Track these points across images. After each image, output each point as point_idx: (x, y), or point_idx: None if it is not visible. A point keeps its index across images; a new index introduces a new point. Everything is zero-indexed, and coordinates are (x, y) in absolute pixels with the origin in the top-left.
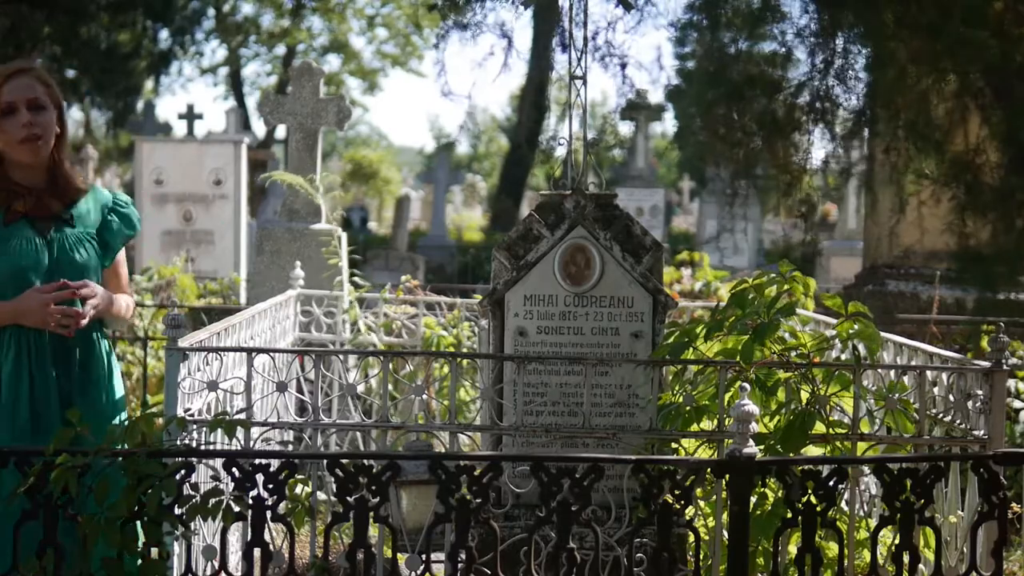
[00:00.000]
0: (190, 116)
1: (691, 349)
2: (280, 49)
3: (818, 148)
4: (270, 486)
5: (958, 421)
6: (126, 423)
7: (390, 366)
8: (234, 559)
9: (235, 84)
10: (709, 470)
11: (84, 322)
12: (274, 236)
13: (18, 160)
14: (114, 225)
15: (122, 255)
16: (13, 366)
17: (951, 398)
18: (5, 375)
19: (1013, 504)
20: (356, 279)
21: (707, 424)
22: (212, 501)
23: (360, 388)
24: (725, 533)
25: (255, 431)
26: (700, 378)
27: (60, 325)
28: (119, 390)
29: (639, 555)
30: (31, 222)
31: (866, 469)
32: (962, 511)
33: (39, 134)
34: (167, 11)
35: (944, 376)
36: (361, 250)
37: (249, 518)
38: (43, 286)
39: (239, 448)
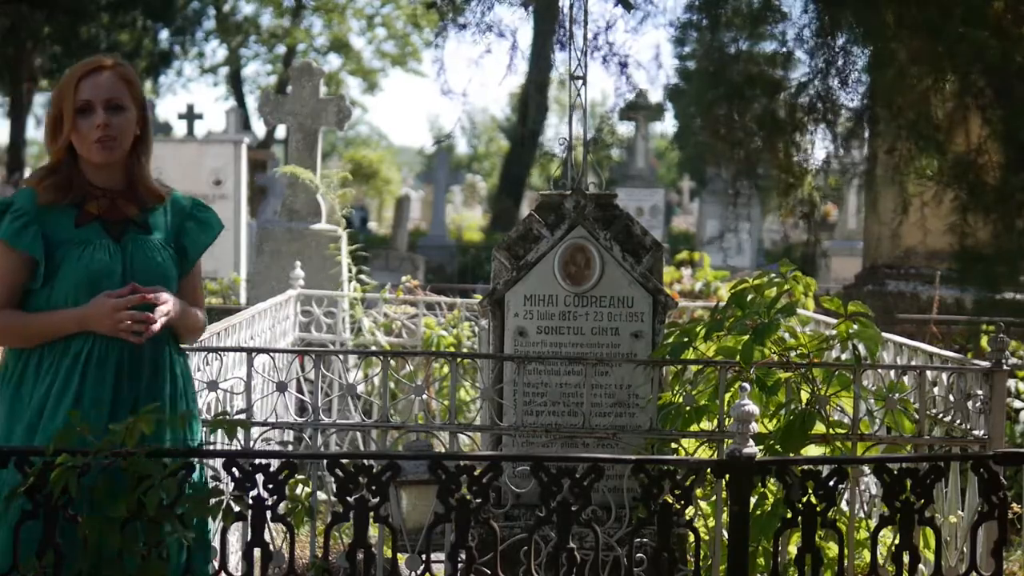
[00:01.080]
0: (190, 116)
1: (691, 349)
2: (280, 49)
3: (819, 148)
4: (270, 486)
5: (958, 421)
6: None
7: (391, 365)
8: (234, 559)
9: (235, 84)
10: (709, 470)
11: (156, 327)
12: (274, 236)
13: (92, 161)
14: (192, 232)
15: (198, 267)
16: (67, 372)
17: (951, 398)
18: (59, 380)
19: (1013, 504)
20: (363, 276)
21: (707, 424)
22: (212, 501)
23: (360, 388)
24: (725, 533)
25: (255, 431)
26: (700, 378)
27: (130, 332)
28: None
29: (639, 555)
30: (104, 225)
31: (866, 469)
32: (962, 511)
33: (113, 135)
34: (167, 11)
35: (944, 376)
36: (361, 249)
37: (249, 518)
38: (113, 291)
39: (239, 448)
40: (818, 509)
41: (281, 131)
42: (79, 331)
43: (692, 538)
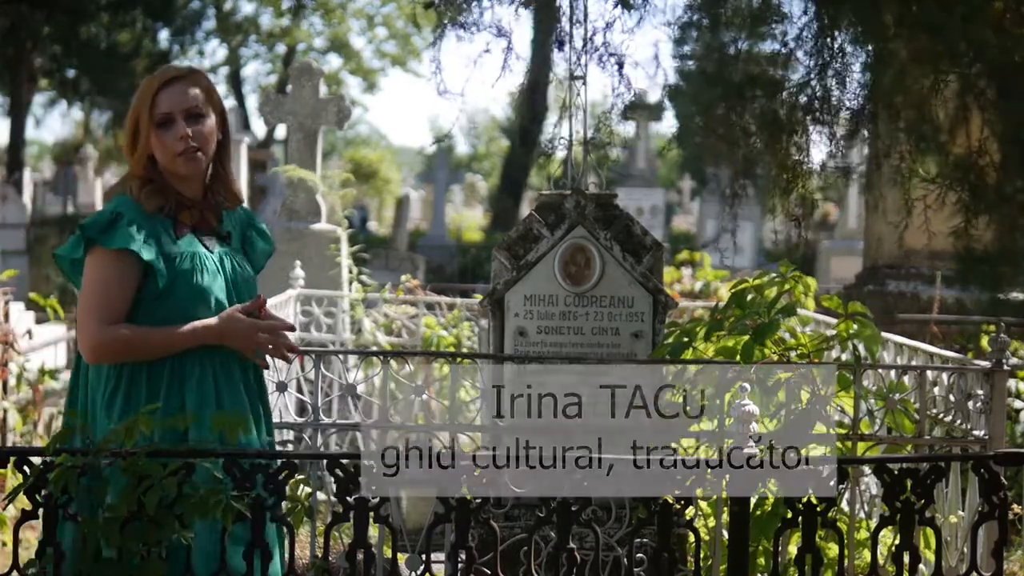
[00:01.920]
0: None
1: (691, 349)
2: (280, 49)
3: (819, 149)
4: (270, 486)
5: (958, 421)
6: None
7: (391, 365)
8: None
9: (235, 84)
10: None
11: (292, 358)
12: (274, 236)
13: (175, 172)
14: (257, 243)
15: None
16: (199, 380)
17: (951, 398)
18: (192, 392)
19: (1013, 504)
20: (363, 277)
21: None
22: (212, 501)
23: (360, 388)
24: (725, 533)
25: None
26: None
27: (270, 354)
28: None
29: (639, 555)
30: (197, 236)
31: (866, 469)
32: (962, 511)
33: (197, 146)
34: (167, 11)
35: (944, 376)
36: (362, 250)
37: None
38: (240, 307)
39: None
40: (818, 509)
41: (281, 131)
42: (213, 342)
43: (692, 538)
